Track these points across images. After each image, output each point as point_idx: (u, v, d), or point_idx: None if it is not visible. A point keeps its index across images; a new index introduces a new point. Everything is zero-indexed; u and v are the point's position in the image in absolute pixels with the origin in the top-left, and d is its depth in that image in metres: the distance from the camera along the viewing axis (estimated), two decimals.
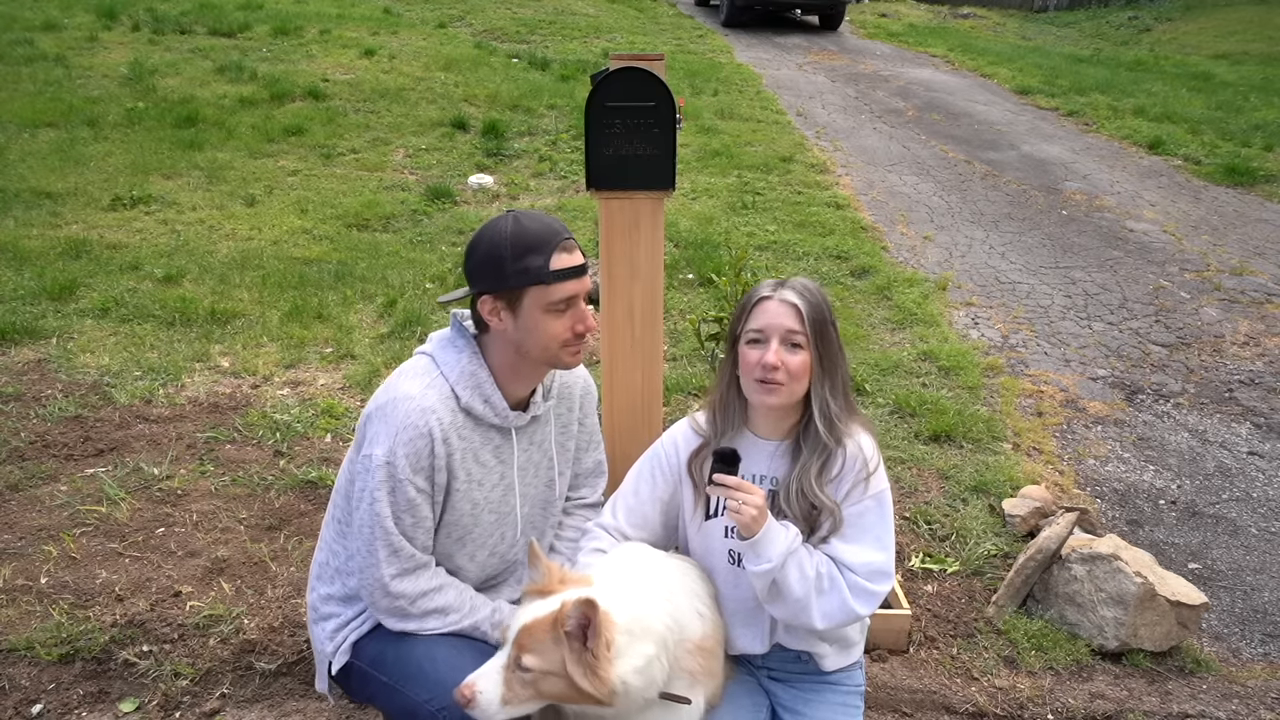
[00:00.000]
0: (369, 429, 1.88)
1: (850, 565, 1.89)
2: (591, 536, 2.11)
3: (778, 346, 1.89)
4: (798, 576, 1.85)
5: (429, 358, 1.94)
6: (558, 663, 1.66)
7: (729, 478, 1.84)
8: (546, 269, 1.83)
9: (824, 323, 1.92)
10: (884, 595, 1.92)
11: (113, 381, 3.99)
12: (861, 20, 17.44)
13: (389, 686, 1.90)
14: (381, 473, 1.82)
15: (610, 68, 2.29)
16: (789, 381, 1.90)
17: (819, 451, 1.93)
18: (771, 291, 1.94)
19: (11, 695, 2.48)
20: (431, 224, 6.22)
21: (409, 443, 1.82)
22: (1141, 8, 19.40)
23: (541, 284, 1.84)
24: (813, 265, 5.81)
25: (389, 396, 1.87)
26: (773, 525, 1.85)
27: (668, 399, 3.99)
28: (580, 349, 1.94)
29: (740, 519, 1.82)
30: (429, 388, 1.88)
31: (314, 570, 2.10)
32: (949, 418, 4.03)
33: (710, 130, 8.85)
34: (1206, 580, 3.27)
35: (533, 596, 1.77)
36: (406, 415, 1.83)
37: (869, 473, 1.93)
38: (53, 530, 3.05)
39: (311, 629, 2.08)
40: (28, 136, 7.18)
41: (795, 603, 1.86)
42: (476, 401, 1.91)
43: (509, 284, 1.84)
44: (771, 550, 1.83)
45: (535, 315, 1.86)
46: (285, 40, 10.82)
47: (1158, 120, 10.05)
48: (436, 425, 1.85)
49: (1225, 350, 5.01)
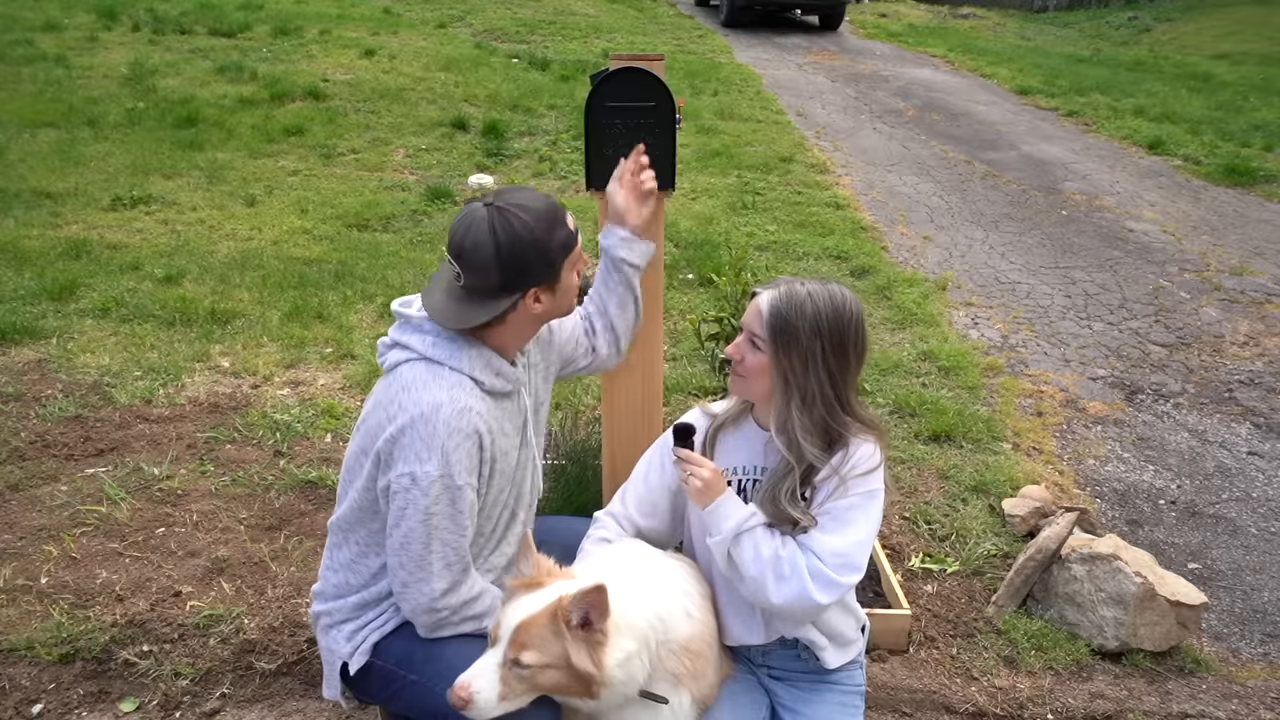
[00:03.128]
0: (401, 448, 1.79)
1: (818, 553, 1.86)
2: (599, 525, 2.11)
3: (741, 339, 1.94)
4: (751, 555, 1.85)
5: (424, 360, 1.87)
6: (558, 655, 1.67)
7: (681, 450, 1.93)
8: (570, 231, 1.89)
9: (788, 334, 1.84)
10: (849, 587, 1.89)
11: (113, 381, 3.99)
12: (861, 20, 17.44)
13: (418, 685, 1.89)
14: (437, 487, 1.78)
15: (610, 68, 2.28)
16: (748, 377, 1.93)
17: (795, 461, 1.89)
18: (761, 289, 1.94)
19: (12, 695, 2.49)
20: (431, 224, 6.22)
21: (459, 446, 1.79)
22: (1141, 8, 19.40)
23: (570, 248, 1.90)
24: (812, 265, 5.81)
25: (416, 411, 1.79)
26: (726, 500, 1.89)
27: (668, 399, 3.99)
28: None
29: (689, 489, 1.92)
30: (454, 388, 1.83)
31: (324, 588, 2.03)
32: (949, 418, 4.03)
33: (710, 130, 8.86)
34: (1206, 580, 3.27)
35: (519, 591, 1.78)
36: (448, 423, 1.79)
37: (856, 474, 1.89)
38: (53, 530, 3.05)
39: (322, 636, 2.03)
40: (28, 136, 7.18)
41: (750, 581, 1.87)
42: (493, 379, 1.90)
43: (558, 258, 1.88)
44: (723, 524, 1.87)
45: (569, 279, 1.92)
46: (285, 40, 10.83)
47: (1158, 120, 10.05)
48: (480, 421, 1.84)
49: (1225, 350, 5.01)
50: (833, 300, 1.87)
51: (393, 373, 1.89)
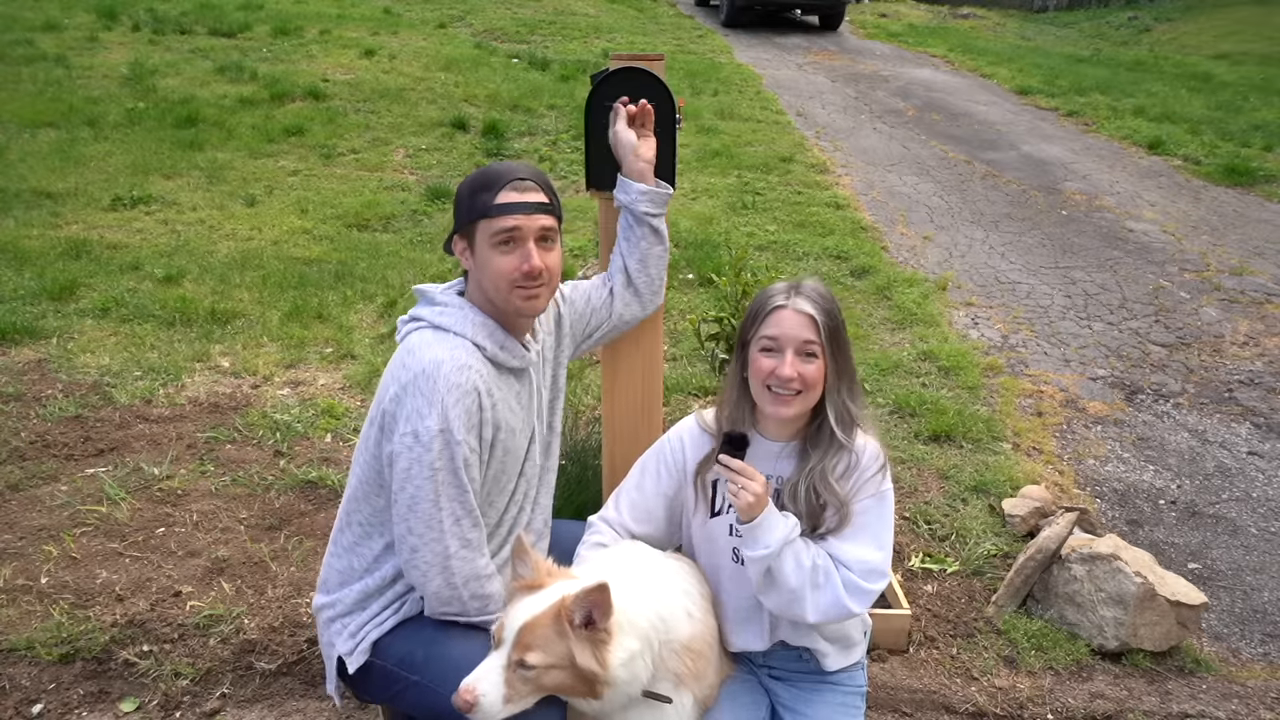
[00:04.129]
0: (404, 407, 1.82)
1: (847, 562, 1.89)
2: (593, 531, 2.11)
3: (793, 358, 1.87)
4: (793, 567, 1.86)
5: (431, 327, 1.92)
6: (563, 655, 1.68)
7: (733, 460, 1.87)
8: (491, 202, 1.88)
9: (838, 328, 1.91)
10: (878, 594, 1.92)
11: (113, 381, 3.99)
12: (861, 20, 17.44)
13: (421, 686, 1.88)
14: (438, 442, 1.79)
15: (610, 68, 2.28)
16: (805, 391, 1.89)
17: (831, 452, 1.93)
18: (785, 300, 1.90)
19: (12, 695, 2.49)
20: (431, 224, 6.22)
21: (458, 402, 1.81)
22: (1141, 8, 19.40)
23: (486, 217, 1.89)
24: (812, 265, 5.81)
25: (419, 368, 1.83)
26: (772, 513, 1.86)
27: (668, 399, 3.99)
28: (534, 292, 1.91)
29: (738, 502, 1.84)
30: (456, 348, 1.86)
31: (328, 577, 2.04)
32: (949, 418, 4.03)
33: (710, 130, 8.85)
34: (1206, 580, 3.27)
35: (520, 593, 1.78)
36: (448, 377, 1.81)
37: (875, 471, 1.93)
38: (53, 530, 3.05)
39: (322, 630, 2.04)
40: (28, 136, 7.18)
41: (789, 593, 1.86)
42: (495, 347, 1.92)
43: (464, 219, 1.92)
44: (770, 537, 1.84)
45: (485, 251, 1.90)
46: (285, 40, 10.82)
47: (1158, 120, 10.05)
48: (479, 379, 1.85)
49: (1225, 350, 5.01)
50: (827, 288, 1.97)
51: (403, 342, 1.95)
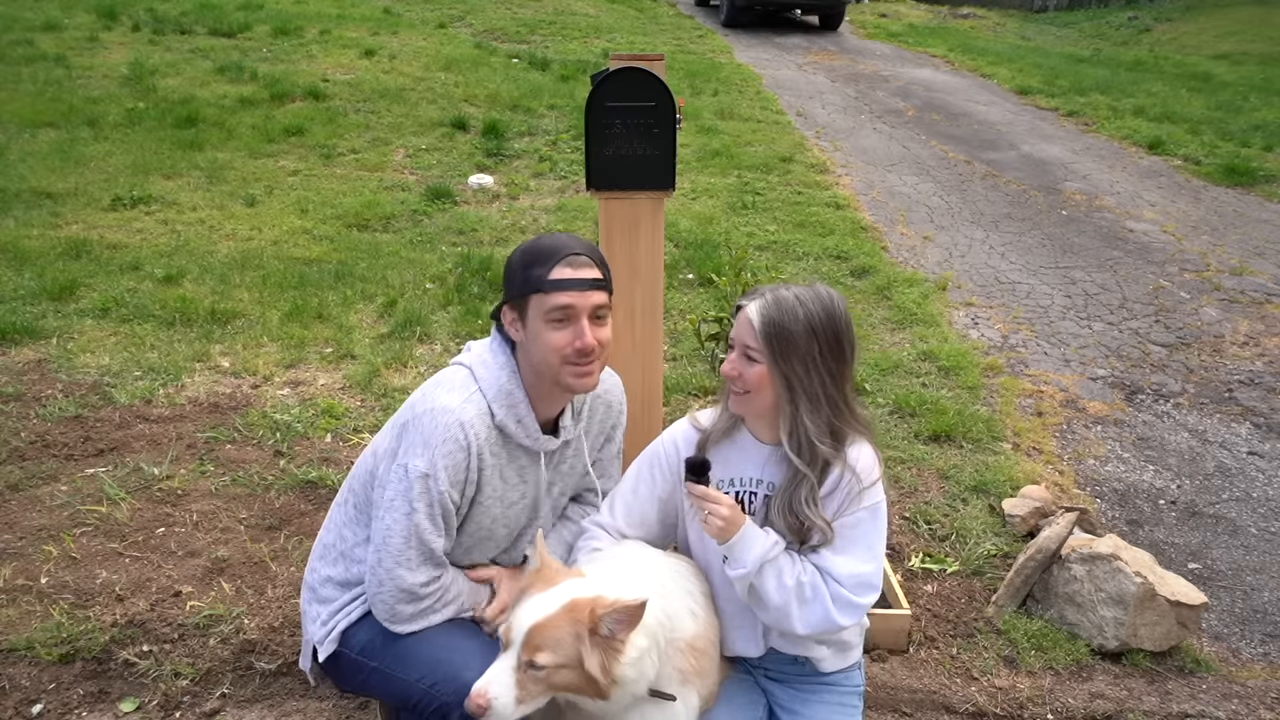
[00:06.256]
0: (405, 438, 1.90)
1: (837, 576, 1.88)
2: (589, 535, 2.11)
3: (736, 357, 1.90)
4: (775, 585, 1.85)
5: (468, 371, 1.96)
6: (573, 655, 1.68)
7: (696, 487, 1.87)
8: (546, 277, 1.87)
9: (785, 340, 1.84)
10: (868, 607, 1.92)
11: (113, 381, 3.99)
12: (861, 20, 17.44)
13: (380, 672, 1.92)
14: (420, 485, 1.85)
15: (610, 68, 2.29)
16: (751, 390, 1.89)
17: (808, 466, 1.89)
18: (746, 300, 1.91)
19: (11, 695, 2.48)
20: (431, 224, 6.22)
21: (448, 455, 1.85)
22: (1141, 8, 19.40)
23: (540, 292, 1.87)
24: (813, 265, 5.82)
25: (427, 406, 1.89)
26: (748, 532, 1.86)
27: (668, 399, 3.99)
28: (586, 370, 1.90)
29: (709, 529, 1.86)
30: (467, 401, 1.90)
31: (317, 550, 2.12)
32: (949, 418, 4.03)
33: (710, 130, 8.85)
34: (1206, 580, 3.27)
35: (527, 592, 1.78)
36: (446, 429, 1.86)
37: (862, 487, 1.90)
38: (53, 530, 3.05)
39: (305, 608, 2.11)
40: (28, 136, 7.18)
41: (775, 609, 1.87)
42: (510, 421, 1.94)
43: (516, 292, 1.90)
44: (746, 557, 1.85)
45: (537, 325, 1.89)
46: (285, 40, 10.82)
47: (1157, 120, 10.05)
48: (474, 440, 1.88)
49: (1225, 350, 5.01)
50: (820, 300, 1.89)
51: (444, 370, 2.01)
